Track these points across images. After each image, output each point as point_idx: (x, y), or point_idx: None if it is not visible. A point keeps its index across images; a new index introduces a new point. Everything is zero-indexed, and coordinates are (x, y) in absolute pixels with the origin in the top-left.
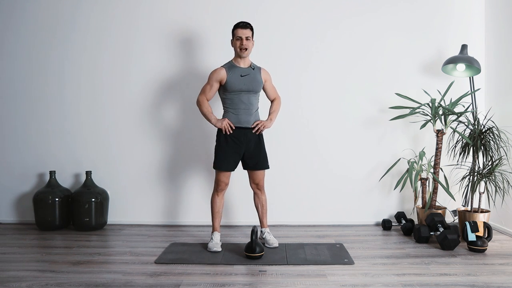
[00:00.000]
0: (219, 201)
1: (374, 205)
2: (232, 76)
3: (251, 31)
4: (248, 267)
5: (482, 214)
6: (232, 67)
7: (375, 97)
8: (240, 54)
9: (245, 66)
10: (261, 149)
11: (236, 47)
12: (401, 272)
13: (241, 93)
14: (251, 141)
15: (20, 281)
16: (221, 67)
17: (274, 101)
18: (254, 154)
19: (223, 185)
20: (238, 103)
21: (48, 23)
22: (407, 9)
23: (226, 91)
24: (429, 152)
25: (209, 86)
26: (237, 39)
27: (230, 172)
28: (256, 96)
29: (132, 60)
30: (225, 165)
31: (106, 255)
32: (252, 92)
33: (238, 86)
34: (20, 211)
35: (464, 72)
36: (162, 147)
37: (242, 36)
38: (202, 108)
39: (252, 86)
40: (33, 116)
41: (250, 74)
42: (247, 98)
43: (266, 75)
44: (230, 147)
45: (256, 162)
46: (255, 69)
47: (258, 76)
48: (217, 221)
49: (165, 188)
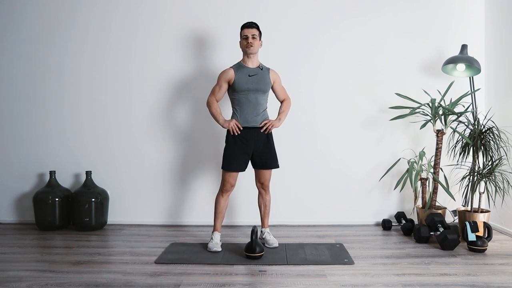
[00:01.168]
0: (223, 202)
1: (374, 205)
2: (240, 75)
3: (257, 30)
4: (248, 267)
5: (482, 214)
6: (240, 67)
7: (375, 97)
8: (246, 51)
9: (254, 66)
10: (270, 148)
11: (243, 46)
12: (401, 272)
13: (249, 93)
14: (260, 141)
15: (20, 281)
16: (230, 67)
17: (284, 101)
18: (263, 153)
19: (229, 186)
20: (245, 102)
21: (48, 23)
22: (407, 10)
23: (234, 91)
24: (429, 152)
25: (218, 87)
26: (243, 38)
27: (237, 173)
28: (264, 96)
29: (132, 60)
30: (233, 165)
31: (106, 255)
32: (260, 92)
33: (245, 86)
34: (20, 211)
35: (464, 72)
36: (162, 147)
37: (248, 35)
38: (211, 109)
39: (260, 86)
40: (33, 116)
41: (258, 74)
42: (255, 98)
43: (275, 76)
44: (238, 148)
45: (266, 162)
46: (264, 69)
47: (266, 76)
48: (219, 221)
49: (165, 188)
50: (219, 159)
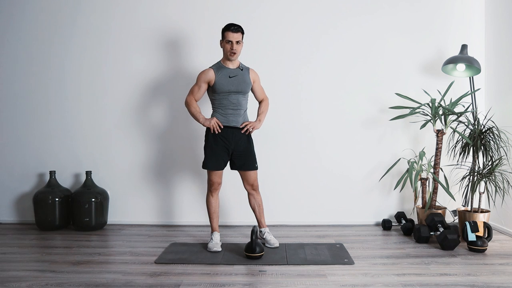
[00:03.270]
0: (214, 201)
1: (374, 205)
2: (221, 77)
3: (242, 34)
4: (248, 267)
5: (482, 214)
6: (220, 68)
7: (375, 97)
8: (229, 57)
9: (234, 67)
10: (249, 150)
11: (226, 50)
12: (401, 272)
13: (230, 94)
14: (240, 141)
15: (20, 281)
16: (209, 68)
17: (262, 102)
18: (242, 155)
19: (216, 185)
20: (226, 104)
21: (48, 23)
22: (407, 9)
23: (214, 92)
24: (429, 152)
25: (197, 87)
26: (227, 42)
27: (221, 171)
28: (245, 97)
29: (132, 60)
30: (215, 164)
31: (106, 255)
32: (240, 93)
33: (226, 87)
34: (20, 211)
35: (464, 72)
36: (162, 147)
37: (232, 40)
38: (190, 108)
39: (240, 87)
40: (33, 116)
41: (238, 75)
42: (236, 99)
43: (254, 75)
44: (219, 146)
45: (243, 163)
46: (244, 69)
47: (247, 77)
48: (215, 221)
49: (165, 188)
50: None
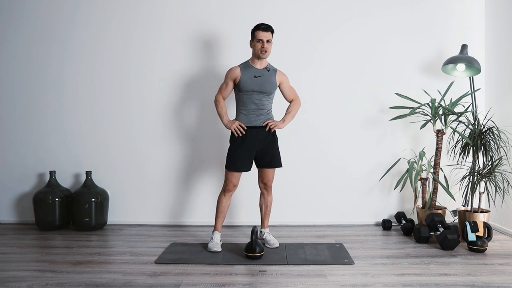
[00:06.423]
0: (225, 202)
1: (374, 205)
2: (246, 76)
3: (271, 33)
4: (248, 267)
5: (482, 214)
6: (247, 67)
7: (375, 97)
8: (260, 56)
9: (261, 67)
10: (274, 147)
11: (257, 49)
12: (401, 272)
13: (253, 94)
14: (264, 140)
15: (20, 281)
16: (237, 66)
17: (292, 102)
18: (267, 152)
19: (231, 186)
20: (249, 103)
21: (48, 23)
22: (408, 10)
23: (239, 91)
24: (429, 152)
25: (225, 85)
26: (258, 41)
27: (240, 174)
28: (268, 98)
29: (132, 60)
30: (237, 165)
31: (106, 255)
32: (264, 94)
33: (250, 87)
34: (20, 211)
35: (464, 72)
36: (162, 147)
37: (263, 39)
38: (217, 108)
39: (264, 88)
40: (33, 116)
41: (264, 75)
42: (259, 99)
43: (282, 77)
44: (243, 148)
45: (269, 160)
46: (270, 71)
47: (272, 78)
48: (220, 221)
49: (165, 188)
50: (220, 159)
